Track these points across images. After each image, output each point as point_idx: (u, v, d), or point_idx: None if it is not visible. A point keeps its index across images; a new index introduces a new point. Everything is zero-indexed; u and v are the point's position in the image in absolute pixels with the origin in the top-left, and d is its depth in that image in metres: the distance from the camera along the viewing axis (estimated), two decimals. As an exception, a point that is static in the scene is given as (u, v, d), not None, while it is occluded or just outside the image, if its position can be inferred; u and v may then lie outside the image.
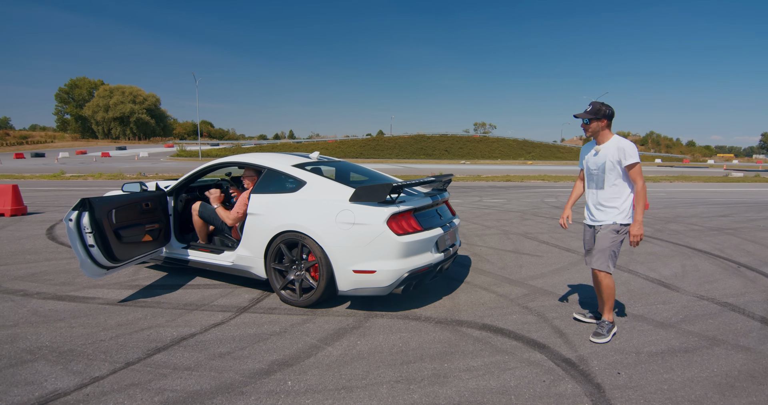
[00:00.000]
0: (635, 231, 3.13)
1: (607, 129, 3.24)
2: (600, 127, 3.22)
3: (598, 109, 3.19)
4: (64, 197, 11.98)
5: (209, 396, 2.41)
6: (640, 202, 3.12)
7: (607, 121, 3.22)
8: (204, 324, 3.41)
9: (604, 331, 3.24)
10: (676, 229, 8.20)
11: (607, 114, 3.20)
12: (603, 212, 3.27)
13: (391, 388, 2.52)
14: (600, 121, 3.20)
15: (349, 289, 3.60)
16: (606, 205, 3.25)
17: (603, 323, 3.29)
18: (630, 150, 3.13)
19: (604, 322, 3.29)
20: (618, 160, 3.16)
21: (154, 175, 20.74)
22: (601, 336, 3.21)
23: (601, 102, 3.22)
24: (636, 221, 3.13)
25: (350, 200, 3.61)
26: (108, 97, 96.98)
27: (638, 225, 3.13)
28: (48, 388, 2.48)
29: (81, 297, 4.01)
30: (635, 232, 3.13)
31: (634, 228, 3.13)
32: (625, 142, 3.18)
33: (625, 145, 3.15)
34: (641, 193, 3.13)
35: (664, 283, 4.74)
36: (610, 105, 3.21)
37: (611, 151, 3.18)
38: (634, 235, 3.13)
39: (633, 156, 3.12)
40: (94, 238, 3.62)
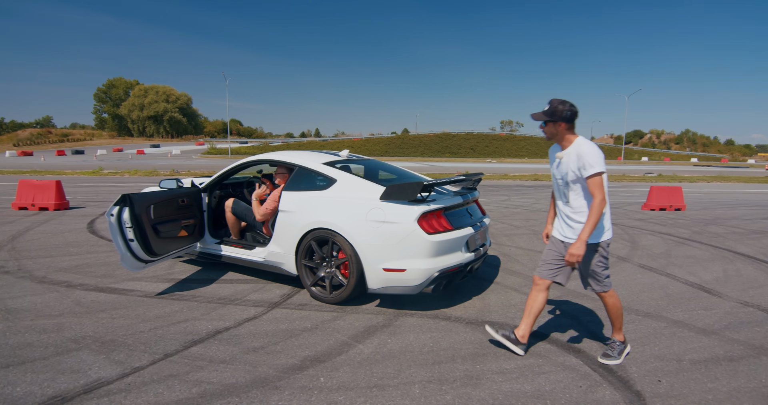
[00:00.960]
0: (574, 250, 2.63)
1: (569, 133, 2.73)
2: (557, 130, 2.73)
3: (554, 109, 2.69)
4: (103, 193, 12.48)
5: (244, 389, 2.46)
6: (591, 219, 2.61)
7: (566, 125, 2.70)
8: (238, 318, 3.49)
9: (615, 352, 2.91)
10: (715, 231, 7.85)
11: (564, 116, 2.68)
12: (571, 229, 2.80)
13: (423, 388, 2.51)
14: (556, 124, 2.71)
15: (378, 287, 3.61)
16: (575, 220, 2.78)
17: (613, 343, 2.96)
18: (590, 157, 2.60)
19: (615, 343, 2.96)
20: (578, 170, 2.67)
21: (186, 172, 21.35)
22: (611, 357, 2.89)
23: (561, 100, 2.71)
24: (579, 239, 2.63)
25: (381, 198, 3.61)
26: (143, 96, 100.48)
27: (580, 244, 2.62)
28: (92, 376, 2.58)
29: (121, 289, 4.16)
30: (572, 250, 2.64)
31: (573, 246, 2.64)
32: (587, 146, 2.65)
33: (585, 152, 2.63)
34: (595, 208, 2.60)
35: (705, 287, 4.55)
36: (573, 104, 2.71)
37: (572, 158, 2.68)
38: (571, 254, 2.64)
39: (594, 165, 2.59)
40: (133, 232, 3.74)
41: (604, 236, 2.78)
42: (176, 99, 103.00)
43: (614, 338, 2.98)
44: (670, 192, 10.72)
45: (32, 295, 3.98)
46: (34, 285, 4.26)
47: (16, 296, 3.93)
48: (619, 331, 2.98)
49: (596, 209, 2.61)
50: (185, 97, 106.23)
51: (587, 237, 2.63)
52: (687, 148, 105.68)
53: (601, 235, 2.77)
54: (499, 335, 2.97)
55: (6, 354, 2.85)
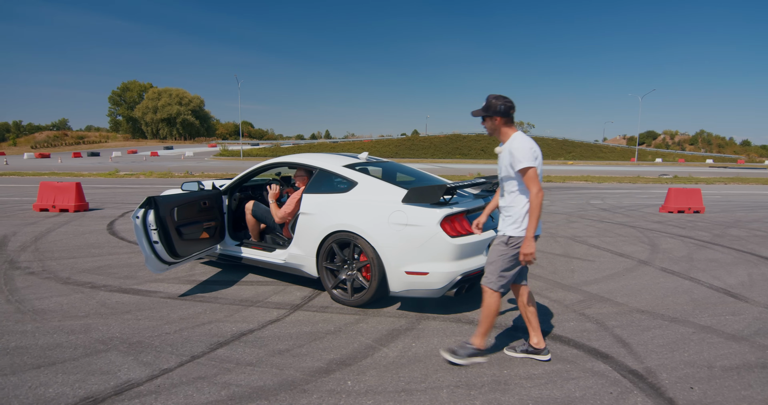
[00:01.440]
0: (525, 249, 2.63)
1: (506, 127, 2.75)
2: (494, 125, 2.75)
3: (489, 104, 2.72)
4: (120, 194, 12.66)
5: (273, 392, 2.46)
6: (533, 214, 2.61)
7: (502, 119, 2.73)
8: (261, 320, 3.50)
9: (463, 352, 2.79)
10: (737, 234, 7.70)
11: (498, 110, 2.70)
12: (503, 221, 2.82)
13: (451, 393, 2.49)
14: (492, 119, 2.74)
15: (400, 290, 3.60)
16: (504, 214, 2.81)
17: (467, 344, 2.82)
18: (519, 153, 2.62)
19: (470, 345, 2.81)
20: (510, 165, 2.69)
21: (201, 174, 21.58)
22: (456, 355, 2.79)
23: (497, 95, 2.73)
24: (526, 238, 2.63)
25: (403, 201, 3.60)
26: (156, 99, 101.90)
27: (528, 242, 2.61)
28: (122, 378, 2.61)
29: (144, 290, 4.21)
30: (525, 250, 2.63)
31: (524, 245, 2.63)
32: (518, 142, 2.68)
33: (516, 147, 2.65)
34: (534, 202, 2.60)
35: (731, 292, 4.46)
36: (510, 98, 2.73)
37: (506, 154, 2.72)
38: (524, 254, 2.64)
39: (522, 160, 2.61)
40: (158, 234, 3.79)
41: (520, 232, 2.70)
42: (189, 101, 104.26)
43: (472, 341, 2.84)
44: (689, 194, 10.55)
45: (58, 295, 4.04)
46: (59, 286, 4.33)
47: (42, 297, 3.99)
48: (481, 337, 2.83)
49: (534, 202, 2.61)
50: (198, 99, 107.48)
51: (532, 233, 2.62)
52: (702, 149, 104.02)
53: (516, 229, 2.71)
54: (519, 353, 2.96)
55: (37, 354, 2.89)
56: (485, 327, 2.81)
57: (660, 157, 75.70)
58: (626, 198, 14.01)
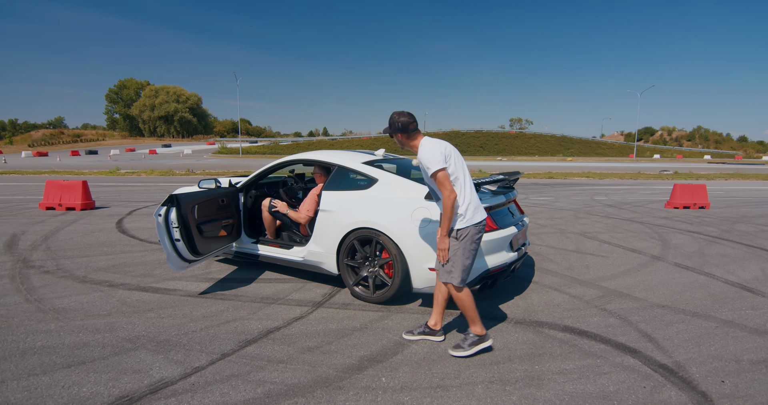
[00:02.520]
0: (439, 244, 2.81)
1: (411, 140, 2.87)
2: (400, 140, 2.89)
3: (390, 122, 2.87)
4: (124, 193, 12.61)
5: (309, 389, 2.46)
6: (445, 214, 2.73)
7: (403, 135, 2.85)
8: (285, 318, 3.50)
9: (465, 343, 2.89)
10: (744, 230, 7.73)
11: (398, 127, 2.83)
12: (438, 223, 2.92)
13: (486, 389, 2.50)
14: (395, 135, 2.88)
15: (424, 287, 3.60)
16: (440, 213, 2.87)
17: (468, 335, 2.93)
18: (426, 159, 2.72)
19: (469, 334, 2.93)
20: (424, 171, 2.81)
21: (202, 172, 21.51)
22: (460, 349, 2.88)
23: (398, 112, 2.87)
24: (440, 235, 2.79)
25: (426, 198, 3.59)
26: (154, 96, 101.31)
27: (441, 238, 2.79)
28: (155, 376, 2.61)
29: (163, 288, 4.20)
30: (439, 245, 2.81)
31: (439, 241, 2.81)
32: (422, 151, 2.77)
33: (422, 155, 2.76)
34: (445, 203, 2.70)
35: (747, 287, 4.48)
36: (408, 114, 2.85)
37: (419, 161, 2.81)
38: (439, 249, 2.81)
39: (430, 166, 2.71)
40: (180, 232, 3.77)
41: (459, 224, 2.80)
42: (186, 99, 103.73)
43: (470, 330, 2.94)
44: (694, 190, 10.58)
45: (77, 294, 4.03)
46: (77, 284, 4.31)
47: (61, 296, 3.98)
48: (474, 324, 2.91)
49: (446, 203, 2.71)
50: (195, 97, 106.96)
51: (446, 231, 2.77)
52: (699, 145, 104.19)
53: (464, 221, 2.80)
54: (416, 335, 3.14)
55: (65, 354, 2.88)
56: (470, 315, 2.90)
57: (658, 153, 75.85)
58: (630, 194, 14.04)
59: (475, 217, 2.83)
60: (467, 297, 2.87)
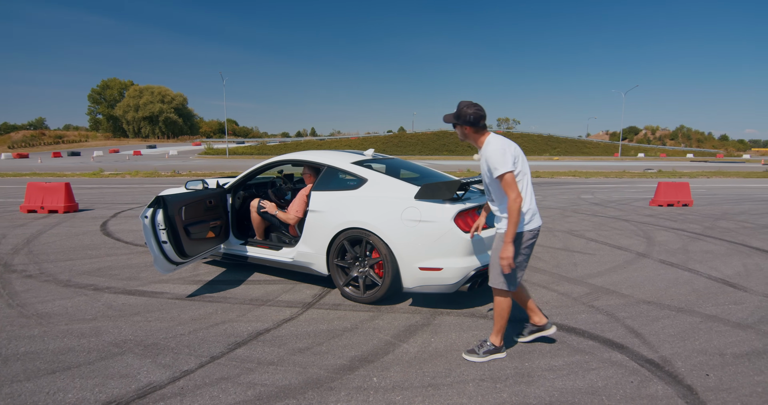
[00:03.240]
0: (503, 254, 2.61)
1: (477, 135, 2.72)
2: (464, 133, 2.73)
3: (459, 112, 2.70)
4: (108, 195, 12.39)
5: (300, 391, 2.45)
6: (511, 220, 2.58)
7: (472, 128, 2.69)
8: (275, 319, 3.47)
9: (481, 350, 2.81)
10: (726, 226, 7.91)
11: (467, 120, 2.67)
12: (501, 222, 2.78)
13: (477, 387, 2.51)
14: (462, 127, 2.71)
15: (414, 287, 3.61)
16: (501, 216, 2.77)
17: (485, 343, 2.84)
18: (493, 160, 2.58)
19: (487, 342, 2.83)
20: (488, 171, 2.67)
21: (188, 173, 21.26)
22: (474, 354, 2.81)
23: (468, 103, 2.70)
24: (505, 242, 2.61)
25: (416, 197, 3.60)
26: (138, 97, 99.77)
27: (507, 247, 2.60)
28: (143, 381, 2.56)
29: (149, 292, 4.14)
30: (503, 254, 2.62)
31: (503, 251, 2.62)
32: (491, 148, 2.63)
33: (489, 154, 2.61)
34: (512, 208, 2.56)
35: (730, 282, 4.58)
36: (481, 108, 2.69)
37: (483, 160, 2.70)
38: (501, 258, 2.63)
39: (498, 167, 2.57)
40: (167, 234, 3.72)
41: (524, 227, 2.70)
42: (171, 99, 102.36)
43: (489, 339, 2.86)
44: (677, 188, 10.78)
45: (61, 298, 3.94)
46: (60, 289, 4.22)
47: (44, 300, 3.90)
48: (497, 335, 2.84)
49: (512, 208, 2.56)
50: (180, 97, 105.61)
51: (512, 238, 2.60)
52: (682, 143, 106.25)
53: (523, 225, 2.70)
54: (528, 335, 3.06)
55: (49, 359, 2.82)
56: (500, 325, 2.82)
57: (642, 152, 77.15)
58: (615, 192, 14.25)
59: (532, 222, 2.74)
60: (509, 306, 2.80)
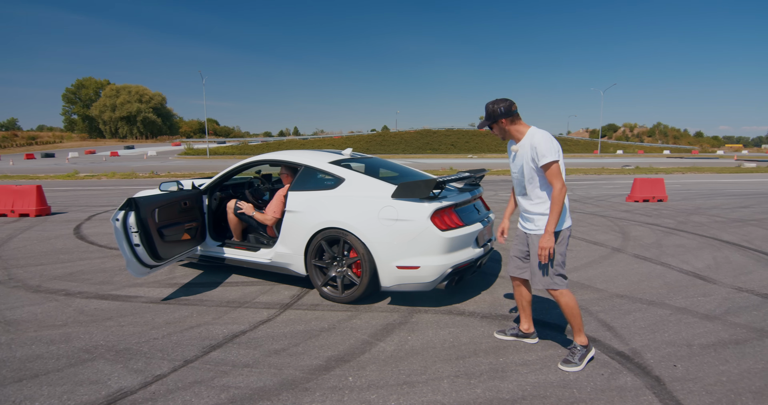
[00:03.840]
0: (541, 243, 2.63)
1: (515, 125, 2.74)
2: (503, 127, 2.75)
3: (491, 111, 2.73)
4: (83, 197, 12.09)
5: (274, 392, 2.44)
6: (554, 209, 2.59)
7: (507, 119, 2.71)
8: (251, 321, 3.44)
9: (575, 358, 2.71)
10: (699, 220, 8.14)
11: (501, 112, 2.69)
12: (532, 220, 2.78)
13: (452, 383, 2.53)
14: (498, 123, 2.74)
15: (392, 285, 3.62)
16: (534, 212, 2.76)
17: (574, 348, 2.77)
18: (543, 147, 2.59)
19: (575, 347, 2.76)
20: (532, 160, 2.66)
21: (166, 174, 20.87)
22: (571, 364, 2.69)
23: (493, 101, 2.75)
24: (546, 232, 2.62)
25: (392, 196, 3.61)
26: (115, 96, 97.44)
27: (548, 236, 2.61)
28: (113, 386, 2.51)
29: (123, 295, 4.05)
30: (541, 243, 2.63)
31: (542, 239, 2.63)
32: (539, 136, 2.65)
33: (538, 141, 2.62)
34: (557, 198, 2.58)
35: (700, 275, 4.72)
36: (506, 99, 2.73)
37: (526, 149, 2.69)
38: (541, 247, 2.63)
39: (547, 154, 2.57)
40: (139, 237, 3.65)
41: (560, 225, 2.70)
42: (150, 99, 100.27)
43: (575, 343, 2.79)
44: (653, 184, 11.05)
45: (30, 305, 3.84)
46: (30, 294, 4.11)
47: (13, 307, 3.78)
48: (579, 334, 2.78)
49: (557, 198, 2.59)
50: (159, 96, 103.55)
51: (553, 228, 2.60)
52: (659, 140, 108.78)
53: (559, 224, 2.70)
54: (509, 336, 3.12)
55: (16, 367, 2.74)
56: (577, 323, 2.77)
57: (621, 148, 78.79)
58: (594, 189, 14.53)
59: (569, 219, 2.77)
60: (574, 301, 2.75)
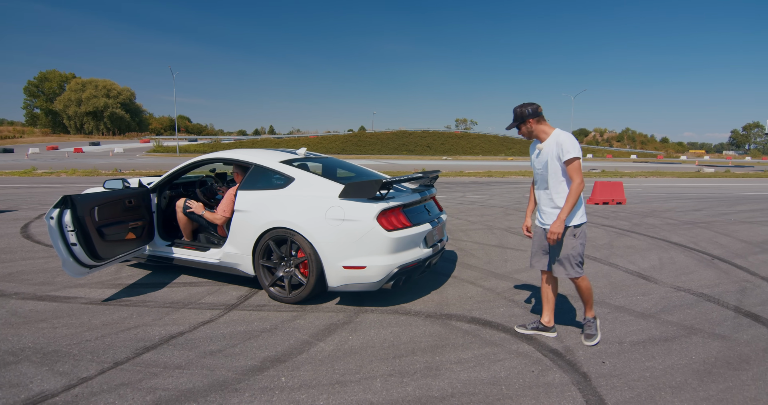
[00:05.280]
0: (553, 228, 2.92)
1: (541, 126, 3.01)
2: (530, 128, 3.01)
3: (519, 113, 3.00)
4: (37, 195, 11.59)
5: (202, 394, 2.40)
6: (570, 200, 2.87)
7: (534, 120, 2.99)
8: (192, 322, 3.38)
9: (593, 329, 3.16)
10: (652, 223, 8.45)
11: (528, 113, 2.97)
12: (550, 214, 3.05)
13: (384, 382, 2.55)
14: (526, 123, 3.00)
15: (339, 285, 3.61)
16: (553, 206, 3.03)
17: (589, 322, 3.18)
18: (568, 144, 2.88)
19: (590, 321, 3.18)
20: (558, 156, 2.93)
21: (131, 171, 20.24)
22: (593, 337, 3.12)
23: (521, 104, 3.02)
24: (558, 218, 2.90)
25: (340, 196, 3.61)
26: (80, 90, 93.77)
27: (559, 223, 2.89)
28: (34, 389, 2.42)
29: (62, 297, 3.91)
30: (552, 228, 2.92)
31: (554, 224, 2.92)
32: (565, 135, 2.94)
33: (564, 140, 2.91)
34: (575, 190, 2.86)
35: (643, 275, 4.90)
36: (532, 102, 3.00)
37: (551, 147, 2.96)
38: (551, 232, 2.92)
39: (571, 151, 2.86)
40: (76, 236, 3.52)
41: (579, 219, 3.00)
42: (118, 94, 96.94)
43: (588, 317, 3.21)
44: (612, 187, 11.42)
45: (-41, 306, 3.65)
46: (-39, 296, 3.91)
47: (-60, 309, 3.59)
48: (591, 309, 3.23)
49: (575, 191, 2.87)
50: (128, 91, 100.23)
51: (566, 216, 2.89)
52: (627, 145, 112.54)
53: (575, 218, 2.99)
54: (530, 329, 3.29)
55: (-69, 372, 2.60)
56: (591, 301, 3.19)
57: (591, 153, 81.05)
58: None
59: (585, 215, 3.05)
60: (590, 284, 3.14)
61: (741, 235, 7.23)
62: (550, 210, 3.06)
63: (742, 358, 2.94)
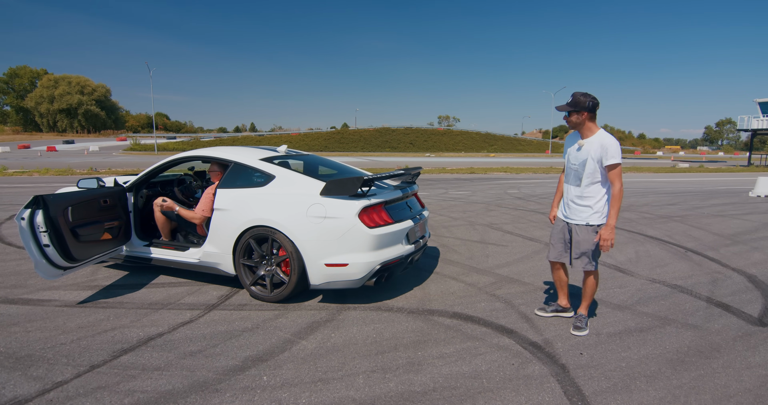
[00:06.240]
0: (606, 235, 3.02)
1: (591, 122, 3.06)
2: (581, 120, 3.04)
3: (577, 100, 3.01)
4: (7, 195, 11.21)
5: (182, 395, 2.36)
6: (615, 205, 2.99)
7: (588, 114, 3.03)
8: (171, 323, 3.32)
9: (584, 323, 3.26)
10: (629, 217, 8.66)
11: (587, 106, 3.00)
12: (576, 211, 3.18)
13: (367, 378, 2.56)
14: (580, 114, 3.03)
15: (321, 283, 3.60)
16: (580, 204, 3.15)
17: (581, 317, 3.30)
18: (613, 149, 2.95)
19: (582, 316, 3.30)
20: (599, 159, 3.01)
21: (107, 170, 19.73)
22: (582, 329, 3.22)
23: (583, 93, 3.03)
24: (608, 225, 3.01)
25: (321, 194, 3.59)
26: (53, 87, 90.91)
27: (610, 229, 3.01)
28: (7, 395, 2.35)
29: (35, 300, 3.80)
30: (606, 235, 3.02)
31: (606, 232, 3.02)
32: (610, 139, 3.00)
33: (609, 143, 2.97)
34: (617, 196, 2.98)
35: (620, 268, 5.02)
36: (595, 96, 3.02)
37: (594, 147, 3.02)
38: (605, 239, 3.02)
39: (615, 156, 2.95)
40: (49, 237, 3.42)
41: (603, 220, 3.13)
42: (92, 91, 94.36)
43: (580, 312, 3.35)
44: (590, 182, 11.64)
45: (-75, 312, 3.51)
46: (-73, 300, 3.76)
47: None
48: (586, 306, 3.37)
49: (618, 196, 2.99)
50: (103, 88, 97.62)
51: (615, 222, 3.02)
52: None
53: (601, 217, 3.13)
54: (550, 312, 3.52)
55: None
56: (589, 299, 3.35)
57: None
58: (539, 187, 15.12)
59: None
60: (597, 280, 3.31)
61: (713, 228, 7.47)
62: (576, 206, 3.19)
63: (714, 346, 3.04)
